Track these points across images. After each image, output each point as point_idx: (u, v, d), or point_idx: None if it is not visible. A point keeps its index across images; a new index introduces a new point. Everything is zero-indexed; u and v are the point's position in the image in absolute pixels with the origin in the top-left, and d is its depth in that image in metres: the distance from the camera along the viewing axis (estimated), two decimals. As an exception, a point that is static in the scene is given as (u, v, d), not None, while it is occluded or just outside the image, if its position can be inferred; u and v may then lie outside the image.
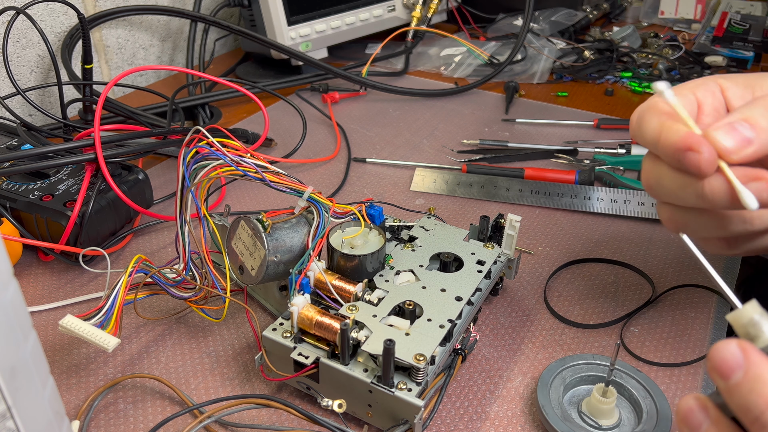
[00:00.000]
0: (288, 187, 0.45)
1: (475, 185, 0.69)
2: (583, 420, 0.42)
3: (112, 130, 0.71)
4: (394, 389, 0.39)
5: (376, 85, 0.88)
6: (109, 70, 0.94)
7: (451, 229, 0.53)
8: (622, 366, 0.45)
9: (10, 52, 0.80)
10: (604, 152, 0.77)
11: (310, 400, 0.45)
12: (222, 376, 0.47)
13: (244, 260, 0.46)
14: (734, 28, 1.13)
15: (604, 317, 0.53)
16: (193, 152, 0.44)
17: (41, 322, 0.51)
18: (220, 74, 1.00)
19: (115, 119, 0.74)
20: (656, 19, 1.29)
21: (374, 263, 0.47)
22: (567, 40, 1.11)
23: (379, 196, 0.69)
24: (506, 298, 0.55)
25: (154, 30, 0.99)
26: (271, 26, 0.94)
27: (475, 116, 0.88)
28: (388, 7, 1.06)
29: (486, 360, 0.49)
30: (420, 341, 0.41)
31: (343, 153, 0.78)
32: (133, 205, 0.57)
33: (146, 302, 0.53)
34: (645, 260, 0.59)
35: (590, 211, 0.66)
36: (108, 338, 0.41)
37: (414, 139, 0.81)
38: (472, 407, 0.45)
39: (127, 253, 0.60)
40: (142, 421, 0.43)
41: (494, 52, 1.04)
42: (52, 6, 0.83)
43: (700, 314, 0.53)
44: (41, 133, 0.63)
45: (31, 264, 0.58)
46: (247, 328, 0.51)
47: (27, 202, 0.55)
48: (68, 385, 0.46)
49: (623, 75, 1.01)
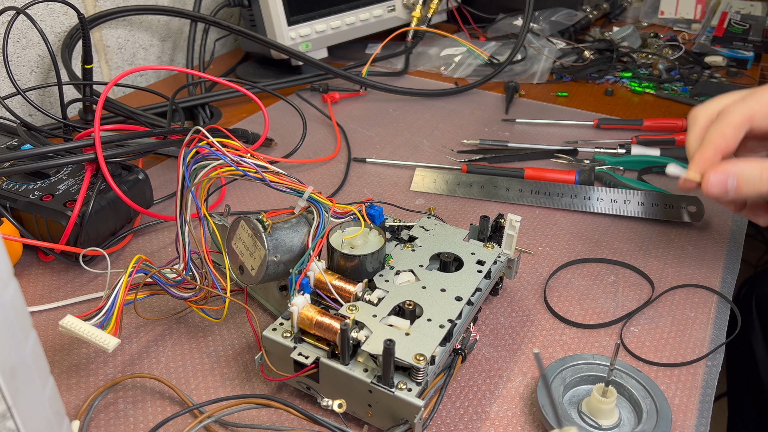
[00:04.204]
0: (288, 187, 0.45)
1: (475, 185, 0.69)
2: (583, 420, 0.42)
3: (112, 130, 0.71)
4: (394, 389, 0.39)
5: (376, 85, 0.88)
6: (109, 70, 0.94)
7: (451, 229, 0.53)
8: (622, 366, 0.45)
9: (10, 52, 0.80)
10: (604, 152, 0.77)
11: (310, 400, 0.45)
12: (222, 376, 0.47)
13: (244, 260, 0.46)
14: (734, 28, 1.13)
15: (604, 317, 0.53)
16: (193, 152, 0.44)
17: (41, 322, 0.51)
18: (220, 74, 1.00)
19: (115, 119, 0.74)
20: (656, 19, 1.29)
21: (374, 263, 0.47)
22: (567, 40, 1.11)
23: (379, 196, 0.69)
24: (506, 298, 0.55)
25: (154, 30, 0.99)
26: (271, 26, 0.94)
27: (475, 116, 0.88)
28: (388, 7, 1.06)
29: (486, 360, 0.49)
30: (420, 341, 0.41)
31: (343, 153, 0.78)
32: (133, 205, 0.57)
33: (146, 302, 0.53)
34: (645, 260, 0.59)
35: (590, 211, 0.66)
36: (108, 338, 0.41)
37: (414, 139, 0.81)
38: (472, 407, 0.45)
39: (127, 253, 0.60)
40: (142, 421, 0.43)
41: (494, 52, 1.04)
42: (52, 6, 0.83)
43: (700, 314, 0.53)
44: (41, 133, 0.63)
45: (31, 264, 0.58)
46: (247, 328, 0.51)
47: (27, 202, 0.55)
48: (68, 385, 0.46)
49: (623, 75, 1.01)
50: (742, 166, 0.47)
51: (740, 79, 1.01)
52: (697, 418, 0.44)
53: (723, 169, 0.47)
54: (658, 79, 0.99)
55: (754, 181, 0.46)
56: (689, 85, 0.97)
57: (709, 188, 0.47)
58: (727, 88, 0.95)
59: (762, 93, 0.48)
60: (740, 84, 0.99)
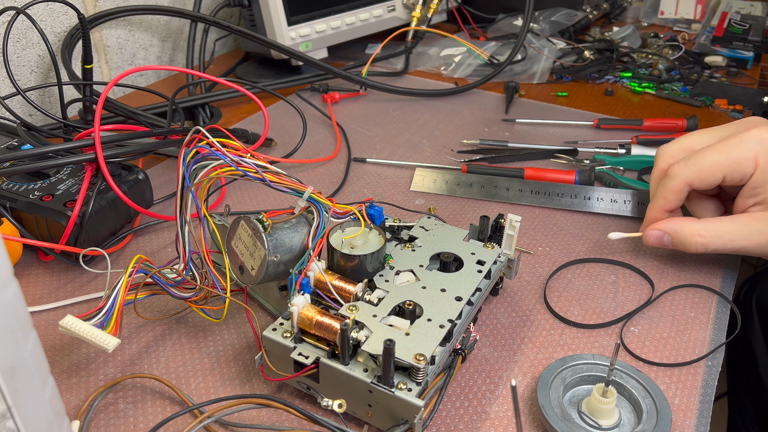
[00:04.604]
0: (288, 187, 0.45)
1: (475, 185, 0.69)
2: (583, 420, 0.42)
3: (112, 130, 0.71)
4: (394, 389, 0.39)
5: (376, 85, 0.88)
6: (109, 70, 0.94)
7: (451, 229, 0.53)
8: (622, 366, 0.45)
9: (10, 52, 0.80)
10: (604, 152, 0.77)
11: (310, 400, 0.45)
12: (222, 376, 0.47)
13: (244, 260, 0.46)
14: (734, 28, 1.13)
15: (604, 317, 0.53)
16: (193, 152, 0.44)
17: (41, 322, 0.51)
18: (220, 74, 1.00)
19: (115, 119, 0.74)
20: (656, 19, 1.29)
21: (374, 263, 0.47)
22: (567, 40, 1.11)
23: (379, 196, 0.69)
24: (506, 298, 0.55)
25: (154, 30, 0.99)
26: (271, 26, 0.94)
27: (475, 116, 0.88)
28: (388, 7, 1.06)
29: (486, 360, 0.49)
30: (420, 341, 0.41)
31: (343, 153, 0.78)
32: (133, 205, 0.57)
33: (146, 302, 0.53)
34: (645, 260, 0.59)
35: (590, 211, 0.66)
36: (108, 338, 0.41)
37: (414, 139, 0.81)
38: (472, 407, 0.45)
39: (127, 253, 0.60)
40: (142, 421, 0.43)
41: (494, 52, 1.04)
42: (52, 6, 0.83)
43: (700, 314, 0.53)
44: (41, 133, 0.63)
45: (31, 264, 0.58)
46: (247, 328, 0.51)
47: (27, 202, 0.55)
48: (68, 385, 0.46)
49: (623, 75, 1.01)
50: (676, 226, 0.55)
51: (740, 79, 1.01)
52: (697, 418, 0.44)
53: (660, 227, 0.56)
54: (658, 79, 0.99)
55: (684, 241, 0.55)
56: (689, 85, 0.97)
57: (647, 242, 0.57)
58: (727, 88, 0.95)
59: (702, 157, 0.54)
60: (740, 84, 0.99)
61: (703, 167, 0.53)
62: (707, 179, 0.54)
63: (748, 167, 0.52)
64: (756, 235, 0.53)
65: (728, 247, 0.54)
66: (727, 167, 0.53)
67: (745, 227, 0.53)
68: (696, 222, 0.55)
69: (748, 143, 0.52)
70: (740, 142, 0.52)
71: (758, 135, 0.52)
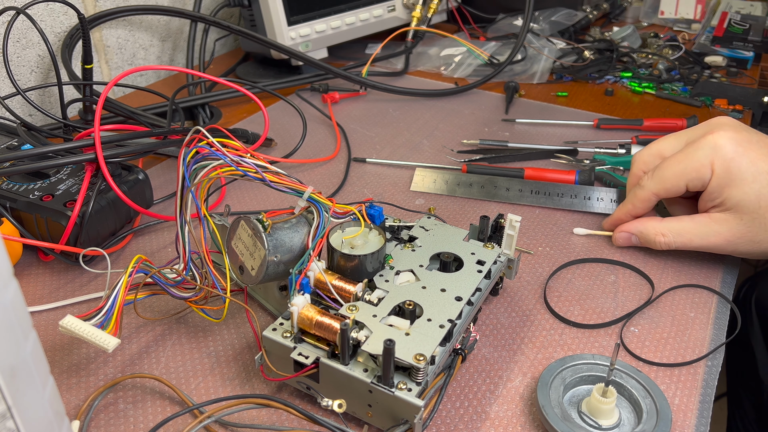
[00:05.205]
0: (288, 187, 0.45)
1: (475, 185, 0.69)
2: (583, 420, 0.42)
3: (112, 130, 0.71)
4: (394, 389, 0.39)
5: (376, 85, 0.88)
6: (109, 70, 0.94)
7: (451, 229, 0.53)
8: (622, 366, 0.45)
9: (10, 52, 0.80)
10: (604, 152, 0.77)
11: (310, 400, 0.45)
12: (222, 376, 0.47)
13: (244, 260, 0.46)
14: (734, 28, 1.13)
15: (604, 317, 0.53)
16: (193, 152, 0.44)
17: (41, 322, 0.51)
18: (220, 74, 1.00)
19: (115, 119, 0.74)
20: (656, 19, 1.29)
21: (374, 263, 0.47)
22: (567, 40, 1.11)
23: (379, 196, 0.69)
24: (506, 298, 0.55)
25: (154, 30, 0.99)
26: (271, 26, 0.94)
27: (475, 116, 0.88)
28: (388, 7, 1.06)
29: (486, 360, 0.49)
30: (420, 341, 0.41)
31: (343, 153, 0.78)
32: (133, 205, 0.57)
33: (146, 302, 0.53)
34: (645, 260, 0.59)
35: (590, 211, 0.67)
36: (108, 338, 0.41)
37: (414, 139, 0.81)
38: (472, 407, 0.45)
39: (127, 253, 0.60)
40: (142, 421, 0.43)
41: (494, 52, 1.04)
42: (52, 6, 0.83)
43: (700, 314, 0.53)
44: (41, 133, 0.63)
45: (31, 264, 0.58)
46: (247, 328, 0.51)
47: (27, 202, 0.55)
48: (68, 385, 0.46)
49: (623, 75, 1.01)
50: (641, 227, 0.59)
51: (740, 79, 1.01)
52: (697, 418, 0.44)
53: (626, 228, 0.60)
54: (658, 79, 0.99)
55: (649, 240, 0.58)
56: (689, 85, 0.97)
57: (617, 243, 0.61)
58: (727, 88, 0.95)
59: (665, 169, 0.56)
60: (740, 84, 0.99)
61: (665, 178, 0.56)
62: (671, 189, 0.56)
63: (705, 174, 0.54)
64: (713, 236, 0.55)
65: (689, 246, 0.57)
66: (687, 176, 0.55)
67: (704, 227, 0.55)
68: (659, 222, 0.58)
69: (704, 150, 0.54)
70: (696, 150, 0.54)
71: (713, 141, 0.54)
